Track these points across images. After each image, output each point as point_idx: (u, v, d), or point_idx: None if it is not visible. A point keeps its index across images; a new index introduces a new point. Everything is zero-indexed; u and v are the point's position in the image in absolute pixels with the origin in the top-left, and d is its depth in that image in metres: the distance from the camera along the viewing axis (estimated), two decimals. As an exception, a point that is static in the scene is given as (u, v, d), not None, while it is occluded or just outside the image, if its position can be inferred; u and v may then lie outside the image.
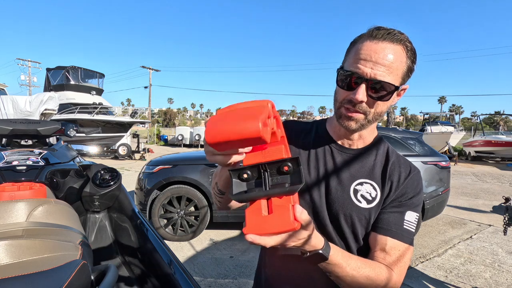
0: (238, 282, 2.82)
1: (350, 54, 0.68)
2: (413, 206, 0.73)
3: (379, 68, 0.63)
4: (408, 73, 0.68)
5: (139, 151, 14.00)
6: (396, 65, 0.64)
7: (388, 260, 0.68)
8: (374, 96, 0.65)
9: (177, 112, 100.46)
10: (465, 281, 2.95)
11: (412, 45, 0.67)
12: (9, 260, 0.65)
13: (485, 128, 21.39)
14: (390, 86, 0.64)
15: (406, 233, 0.70)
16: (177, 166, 3.87)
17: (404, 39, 0.66)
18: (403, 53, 0.65)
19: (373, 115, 0.69)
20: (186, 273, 0.98)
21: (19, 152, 1.19)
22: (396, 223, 0.70)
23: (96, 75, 18.07)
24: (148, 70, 31.43)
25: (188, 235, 3.78)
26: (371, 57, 0.63)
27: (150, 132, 27.59)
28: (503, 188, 8.09)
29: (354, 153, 0.78)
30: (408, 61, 0.66)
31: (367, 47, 0.64)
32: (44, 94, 4.90)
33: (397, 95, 0.70)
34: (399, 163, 0.76)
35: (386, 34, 0.64)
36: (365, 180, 0.74)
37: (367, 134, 0.78)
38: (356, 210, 0.72)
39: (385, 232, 0.70)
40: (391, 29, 0.66)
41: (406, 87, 0.71)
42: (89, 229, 1.45)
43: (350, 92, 0.66)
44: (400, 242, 0.69)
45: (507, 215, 2.59)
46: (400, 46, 0.65)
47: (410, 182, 0.74)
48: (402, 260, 0.68)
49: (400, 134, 4.16)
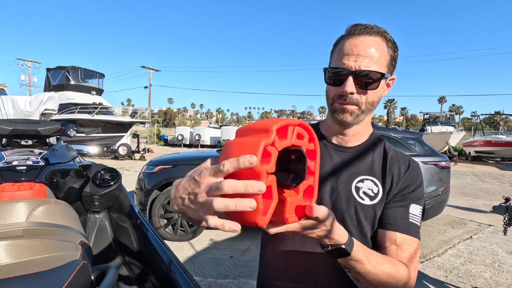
0: (238, 282, 2.82)
1: (334, 53, 0.73)
2: (416, 199, 0.73)
3: (362, 59, 0.67)
4: (391, 61, 0.71)
5: (139, 151, 13.98)
6: (378, 54, 0.68)
7: (401, 255, 0.68)
8: (362, 85, 0.68)
9: (177, 112, 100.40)
10: (465, 281, 2.95)
11: (390, 36, 0.71)
12: (9, 260, 0.65)
13: (485, 128, 21.39)
14: (375, 74, 0.67)
15: (413, 227, 0.70)
16: (177, 166, 3.86)
17: (381, 31, 0.70)
18: (382, 43, 0.69)
19: (366, 105, 0.71)
20: (186, 273, 0.98)
21: (19, 152, 1.19)
22: (402, 217, 0.71)
23: (96, 75, 18.05)
24: (148, 70, 31.42)
25: (188, 235, 3.78)
26: (353, 51, 0.67)
27: (150, 132, 27.57)
28: (503, 188, 8.08)
29: (351, 151, 0.78)
30: (389, 50, 0.70)
31: (347, 43, 0.69)
32: (44, 94, 4.88)
33: (386, 85, 0.74)
34: (397, 157, 0.77)
35: (363, 29, 0.69)
36: (365, 176, 0.75)
37: (362, 130, 0.79)
38: (360, 207, 0.72)
39: (392, 227, 0.70)
40: (367, 24, 0.70)
41: (394, 77, 0.75)
42: (89, 229, 1.45)
43: (339, 87, 0.70)
44: (408, 236, 0.69)
45: (507, 215, 2.59)
46: (378, 37, 0.69)
47: (411, 175, 0.75)
48: (415, 256, 0.69)
49: (400, 134, 4.15)
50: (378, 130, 4.30)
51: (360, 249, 0.59)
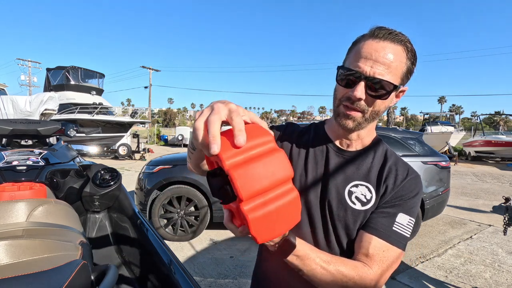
0: (238, 282, 2.82)
1: (351, 53, 0.69)
2: (407, 209, 0.71)
3: (379, 66, 0.64)
4: (407, 74, 0.68)
5: (139, 151, 13.99)
6: (396, 64, 0.65)
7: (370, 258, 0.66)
8: (372, 94, 0.65)
9: (177, 112, 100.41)
10: (465, 281, 2.95)
11: (412, 46, 0.68)
12: (9, 260, 0.64)
13: (485, 128, 21.39)
14: (388, 85, 0.64)
15: (395, 235, 0.68)
16: (177, 166, 3.86)
17: (405, 40, 0.66)
18: (403, 53, 0.66)
19: (371, 114, 0.69)
20: (186, 273, 0.98)
21: (19, 152, 1.19)
22: (385, 224, 0.69)
23: (96, 75, 18.05)
24: (148, 70, 31.41)
25: (188, 235, 3.78)
26: (372, 55, 0.64)
27: (150, 132, 27.58)
28: (503, 188, 8.09)
29: (351, 155, 0.77)
30: (408, 62, 0.67)
31: (368, 45, 0.65)
32: (44, 94, 4.87)
33: (396, 96, 0.71)
34: (396, 166, 0.75)
35: (387, 34, 0.65)
36: (360, 182, 0.74)
37: (365, 135, 0.77)
38: (350, 211, 0.71)
39: (372, 230, 0.69)
40: (392, 29, 0.67)
41: (405, 89, 0.71)
42: (89, 229, 1.45)
43: (349, 90, 0.67)
44: (385, 242, 0.67)
45: (507, 215, 2.59)
46: (400, 46, 0.65)
47: (407, 185, 0.72)
48: (386, 260, 0.67)
49: (400, 134, 4.16)
50: (378, 130, 4.28)
51: (304, 244, 0.63)
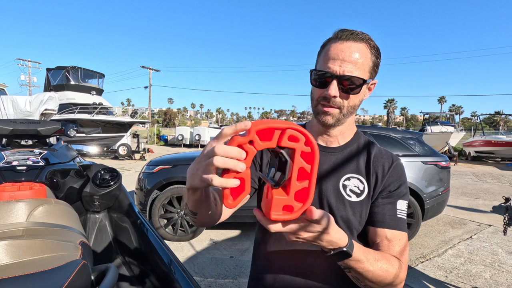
0: (238, 282, 2.82)
1: (321, 56, 0.75)
2: (402, 195, 0.77)
3: (347, 65, 0.70)
4: (374, 68, 0.75)
5: (139, 151, 13.97)
6: (362, 61, 0.71)
7: (393, 249, 0.72)
8: (345, 90, 0.71)
9: (177, 112, 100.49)
10: (465, 281, 2.95)
11: (374, 42, 0.74)
12: (9, 260, 0.65)
13: (485, 128, 21.36)
14: (358, 80, 0.71)
15: (401, 222, 0.75)
16: (177, 166, 3.86)
17: (367, 38, 0.73)
18: (367, 50, 0.72)
19: (347, 109, 0.75)
20: (186, 273, 0.98)
21: (19, 152, 1.19)
22: (391, 214, 0.75)
23: (96, 75, 18.03)
24: (148, 70, 31.40)
25: (188, 235, 3.78)
26: (339, 55, 0.70)
27: (150, 132, 27.55)
28: (503, 188, 8.09)
29: (337, 151, 0.82)
30: (372, 57, 0.74)
31: (334, 47, 0.72)
32: (44, 94, 4.87)
33: (368, 89, 0.77)
34: (381, 155, 0.81)
35: (349, 35, 0.72)
36: (351, 175, 0.79)
37: (346, 130, 0.82)
38: (348, 204, 0.76)
39: (382, 224, 0.75)
40: (354, 30, 0.73)
41: (375, 82, 0.79)
42: (89, 229, 1.45)
43: (324, 90, 0.73)
44: (398, 231, 0.74)
45: (507, 215, 2.59)
46: (363, 44, 0.72)
47: (394, 171, 0.78)
48: (405, 249, 0.74)
49: (400, 134, 4.15)
50: (378, 130, 4.30)
51: (359, 249, 0.62)
